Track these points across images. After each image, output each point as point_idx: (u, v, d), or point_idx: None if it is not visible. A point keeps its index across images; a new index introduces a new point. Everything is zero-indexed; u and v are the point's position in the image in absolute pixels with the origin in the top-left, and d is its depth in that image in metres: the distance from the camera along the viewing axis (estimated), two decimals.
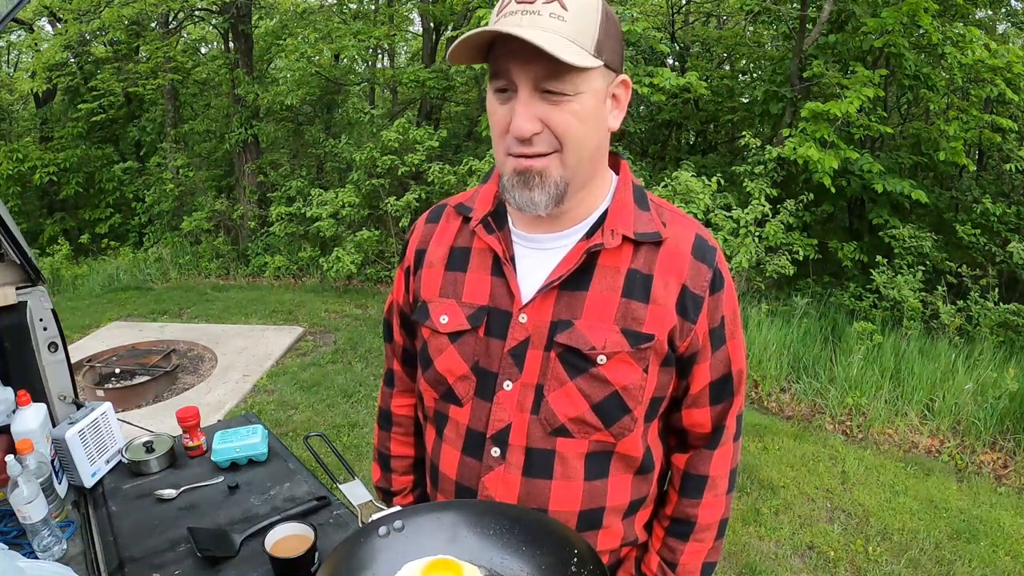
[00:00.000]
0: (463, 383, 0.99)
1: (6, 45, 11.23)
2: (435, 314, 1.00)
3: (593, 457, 0.96)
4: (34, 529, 1.27)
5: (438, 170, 6.53)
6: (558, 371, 0.93)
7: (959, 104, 6.11)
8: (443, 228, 1.05)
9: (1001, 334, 4.96)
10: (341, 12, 8.93)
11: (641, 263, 0.93)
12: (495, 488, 0.98)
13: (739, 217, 5.15)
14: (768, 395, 4.38)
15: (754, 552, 2.82)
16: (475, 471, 0.99)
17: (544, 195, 0.88)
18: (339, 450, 1.45)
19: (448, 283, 1.00)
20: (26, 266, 1.62)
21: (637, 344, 0.91)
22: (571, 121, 0.84)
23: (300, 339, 5.35)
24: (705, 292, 0.94)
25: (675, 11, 9.02)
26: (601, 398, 0.93)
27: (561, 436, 0.94)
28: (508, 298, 0.95)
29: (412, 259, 1.08)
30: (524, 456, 0.96)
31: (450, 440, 1.02)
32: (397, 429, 1.24)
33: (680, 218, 0.98)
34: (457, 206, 1.05)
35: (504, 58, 0.82)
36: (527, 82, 0.82)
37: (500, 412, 0.96)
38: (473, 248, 1.00)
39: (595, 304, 0.92)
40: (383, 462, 1.27)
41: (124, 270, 7.87)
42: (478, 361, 0.97)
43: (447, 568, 0.87)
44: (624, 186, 0.98)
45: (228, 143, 8.69)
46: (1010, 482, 3.51)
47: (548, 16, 0.79)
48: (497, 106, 0.87)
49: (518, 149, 0.86)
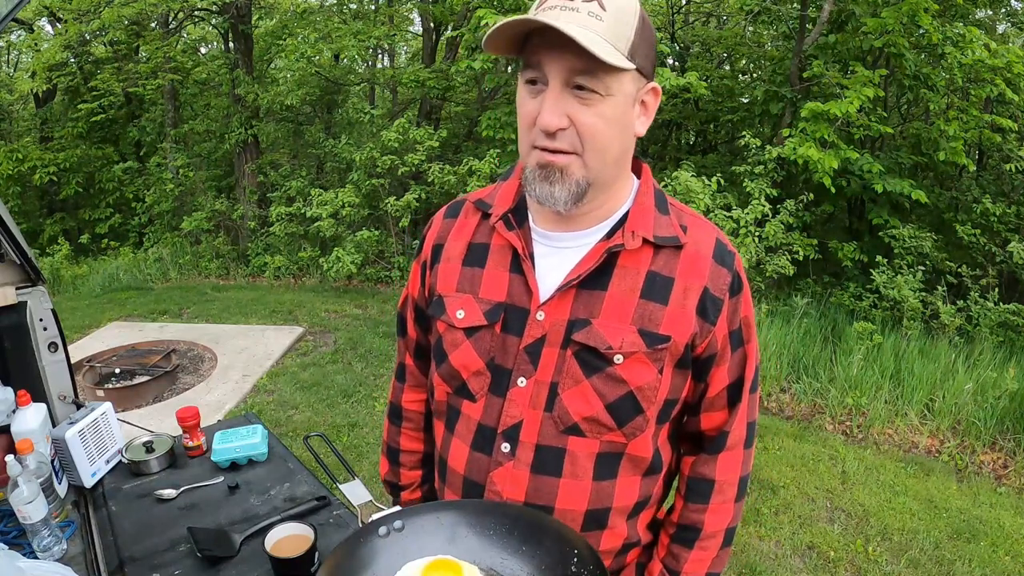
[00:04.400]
0: (477, 378, 0.99)
1: (6, 45, 11.24)
2: (451, 309, 1.00)
3: (603, 457, 0.96)
4: (34, 529, 1.27)
5: (438, 170, 6.53)
6: (574, 369, 0.93)
7: (959, 104, 6.11)
8: (462, 223, 1.05)
9: (1001, 334, 4.96)
10: (341, 12, 8.94)
11: (661, 265, 0.94)
12: (503, 484, 0.98)
13: (739, 217, 5.15)
14: (768, 395, 4.38)
15: (754, 552, 2.82)
16: (484, 466, 0.99)
17: (564, 191, 0.88)
18: (339, 450, 1.46)
19: (465, 278, 1.00)
20: (26, 266, 1.62)
21: (654, 345, 0.92)
22: (597, 123, 0.85)
23: (300, 339, 5.35)
24: (725, 295, 0.95)
25: (675, 11, 9.03)
26: (616, 398, 0.93)
27: (573, 435, 0.95)
28: (526, 295, 0.95)
29: (429, 253, 1.07)
30: (534, 453, 0.96)
31: (460, 435, 1.02)
32: (407, 424, 1.24)
33: (700, 223, 0.99)
34: (477, 202, 1.04)
35: (538, 50, 0.83)
36: (559, 76, 0.83)
37: (512, 408, 0.96)
38: (492, 244, 1.00)
39: (613, 304, 0.92)
40: (392, 456, 1.27)
41: (124, 270, 7.87)
42: (493, 357, 0.97)
43: (447, 568, 0.87)
44: (646, 190, 0.98)
45: (228, 143, 8.69)
46: (1010, 482, 3.51)
47: (587, 15, 0.80)
48: (527, 98, 0.87)
49: (542, 142, 0.86)
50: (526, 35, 0.85)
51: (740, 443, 1.03)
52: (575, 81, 0.83)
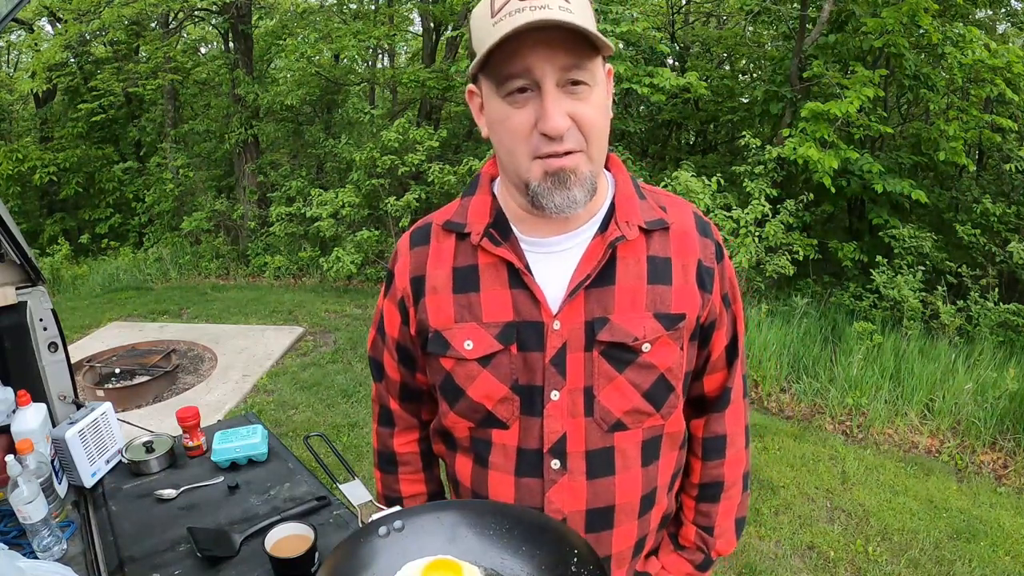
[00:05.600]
0: (504, 405, 0.95)
1: (6, 45, 11.25)
2: (457, 342, 0.94)
3: (647, 444, 0.97)
4: (34, 529, 1.27)
5: (438, 170, 6.54)
6: (605, 368, 0.93)
7: (959, 104, 6.10)
8: (436, 249, 0.98)
9: (1001, 334, 4.96)
10: (341, 12, 8.94)
11: (657, 249, 0.95)
12: (561, 500, 0.96)
13: (739, 217, 5.15)
14: (768, 395, 4.38)
15: (754, 552, 2.82)
16: (536, 489, 0.96)
17: (583, 192, 0.86)
18: (339, 450, 1.45)
19: (462, 307, 0.95)
20: (26, 266, 1.62)
21: (672, 325, 0.94)
22: (595, 114, 0.84)
23: (300, 339, 5.35)
24: (714, 263, 0.98)
25: (675, 11, 9.02)
26: (650, 384, 0.94)
27: (618, 431, 0.95)
28: (535, 308, 0.92)
29: (408, 289, 1.00)
30: (585, 461, 0.95)
31: (498, 466, 0.98)
32: (405, 468, 1.17)
33: (674, 201, 1.01)
34: (445, 224, 0.98)
35: (521, 55, 0.79)
36: (552, 75, 0.80)
37: (553, 424, 0.94)
38: (480, 264, 0.95)
39: (625, 296, 0.92)
40: (394, 505, 1.23)
41: (124, 270, 7.87)
42: (517, 379, 0.93)
43: (447, 568, 0.87)
44: (624, 179, 0.99)
45: (228, 143, 8.69)
46: (1010, 482, 3.51)
47: (558, 8, 0.78)
48: (512, 111, 0.83)
49: (549, 148, 0.83)
50: (490, 50, 0.80)
51: (740, 395, 1.07)
52: (568, 77, 0.81)
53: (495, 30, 0.78)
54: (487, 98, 0.87)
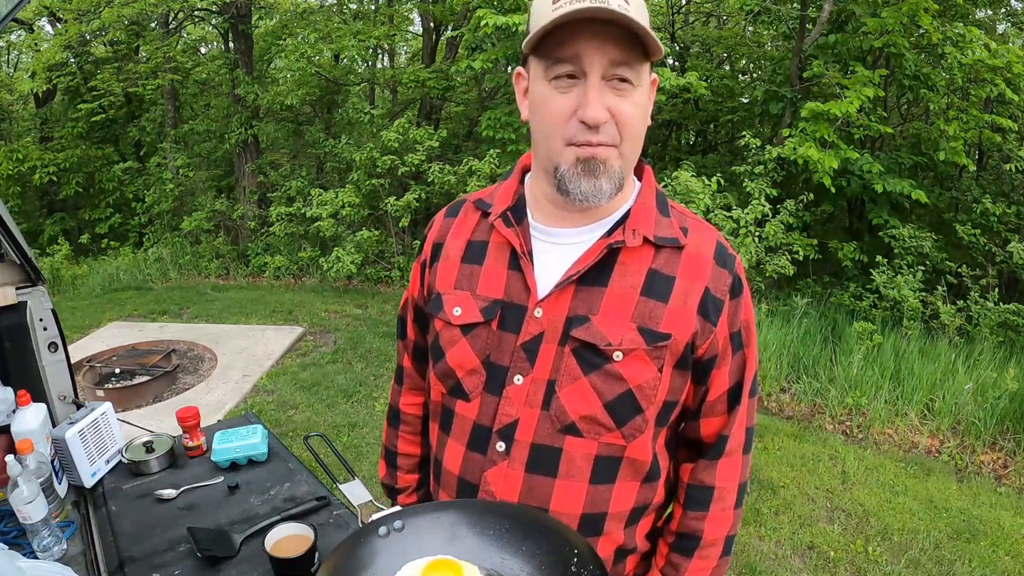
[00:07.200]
0: (472, 377, 0.98)
1: (6, 45, 11.24)
2: (448, 306, 1.00)
3: (601, 461, 0.95)
4: (34, 529, 1.27)
5: (438, 170, 6.53)
6: (572, 366, 0.92)
7: (959, 104, 6.11)
8: (461, 222, 1.05)
9: (1001, 334, 4.96)
10: (341, 12, 8.94)
11: (662, 264, 0.93)
12: (496, 483, 0.97)
13: (739, 217, 5.15)
14: (768, 395, 4.38)
15: (754, 552, 2.82)
16: (478, 466, 0.98)
17: (609, 184, 0.87)
18: (339, 450, 1.45)
19: (463, 276, 1.00)
20: (26, 266, 1.62)
21: (653, 343, 0.91)
22: (634, 113, 0.85)
23: (300, 339, 5.35)
24: (726, 296, 0.94)
25: (675, 11, 9.03)
26: (614, 396, 0.92)
27: (570, 435, 0.94)
28: (524, 292, 0.95)
29: (429, 252, 1.07)
30: (529, 452, 0.95)
31: (455, 436, 1.02)
32: (404, 427, 1.23)
33: (701, 226, 0.99)
34: (476, 201, 1.05)
35: (574, 42, 0.81)
36: (599, 67, 0.82)
37: (508, 407, 0.95)
38: (491, 242, 1.00)
39: (613, 301, 0.92)
40: (389, 459, 1.27)
41: (124, 270, 7.87)
42: (489, 355, 0.96)
43: (447, 568, 0.87)
44: (648, 190, 0.98)
45: (228, 143, 8.69)
46: (1010, 482, 3.51)
47: (617, 6, 0.79)
48: (555, 94, 0.85)
49: (584, 137, 0.85)
50: (549, 29, 0.82)
51: (739, 448, 1.02)
52: (615, 73, 0.82)
53: (554, 13, 0.80)
54: (533, 80, 0.89)
